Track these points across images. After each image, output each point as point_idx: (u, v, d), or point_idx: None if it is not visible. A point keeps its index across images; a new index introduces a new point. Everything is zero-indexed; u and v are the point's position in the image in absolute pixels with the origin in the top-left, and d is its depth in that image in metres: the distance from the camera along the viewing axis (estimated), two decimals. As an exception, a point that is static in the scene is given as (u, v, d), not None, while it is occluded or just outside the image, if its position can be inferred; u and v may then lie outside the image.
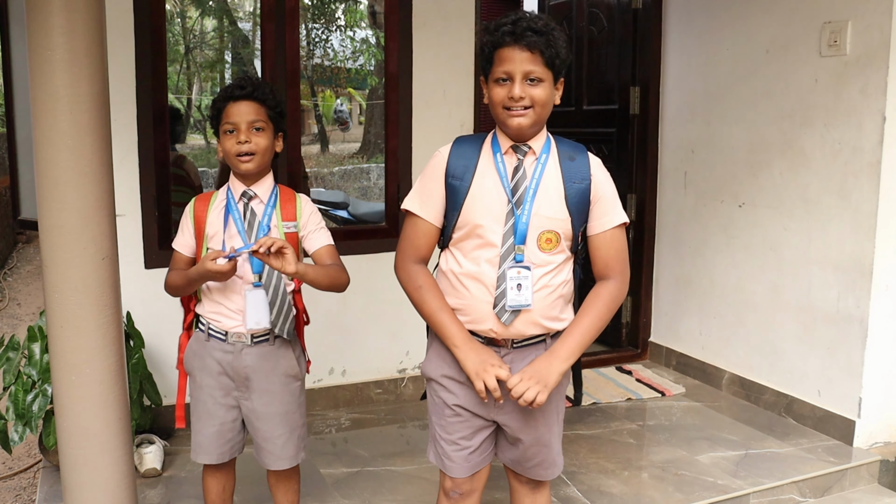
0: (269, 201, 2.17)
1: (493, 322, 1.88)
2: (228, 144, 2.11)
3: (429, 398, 2.05)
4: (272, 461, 2.25)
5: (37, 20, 1.89)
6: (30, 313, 6.00)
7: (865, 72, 3.17)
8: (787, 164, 3.54)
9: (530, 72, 1.78)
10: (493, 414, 1.96)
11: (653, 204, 4.35)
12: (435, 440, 2.03)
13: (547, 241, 1.87)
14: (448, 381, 1.96)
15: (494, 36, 1.81)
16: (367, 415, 3.63)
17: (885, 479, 3.19)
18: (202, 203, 2.21)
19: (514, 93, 1.78)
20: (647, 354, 4.48)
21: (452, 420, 1.97)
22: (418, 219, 1.93)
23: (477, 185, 1.87)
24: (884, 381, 3.30)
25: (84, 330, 2.01)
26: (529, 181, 1.86)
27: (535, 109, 1.81)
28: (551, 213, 1.86)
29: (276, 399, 2.21)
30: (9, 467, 3.49)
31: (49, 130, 1.93)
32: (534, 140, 1.89)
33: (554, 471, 2.05)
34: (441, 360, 1.96)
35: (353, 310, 3.66)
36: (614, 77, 4.49)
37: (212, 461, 2.24)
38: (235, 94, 2.12)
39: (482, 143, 1.93)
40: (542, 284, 1.87)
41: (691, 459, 3.18)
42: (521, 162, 1.87)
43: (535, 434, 1.97)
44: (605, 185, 1.93)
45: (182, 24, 5.35)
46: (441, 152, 1.94)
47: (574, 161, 1.90)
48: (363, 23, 5.82)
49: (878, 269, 3.19)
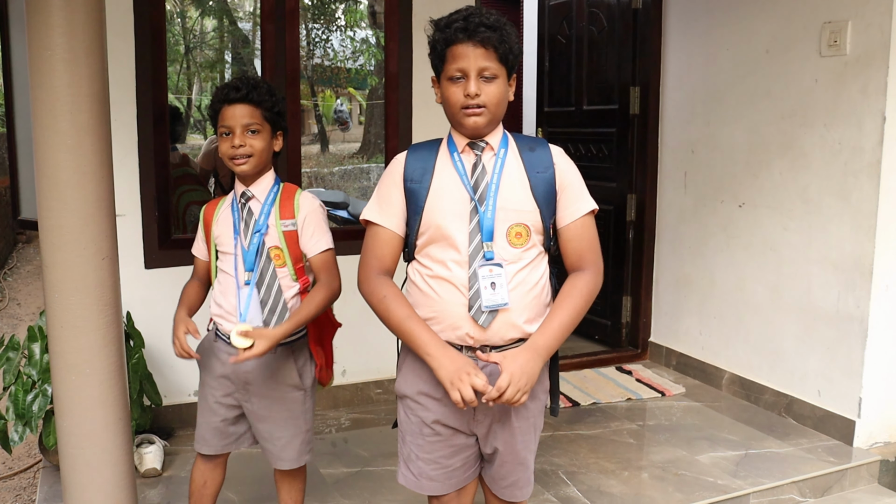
0: (267, 200, 2.17)
1: (470, 325, 1.78)
2: (224, 147, 2.13)
3: (402, 417, 1.95)
4: (273, 460, 2.28)
5: (37, 20, 1.89)
6: (30, 313, 5.99)
7: (865, 72, 3.17)
8: (787, 164, 3.54)
9: (485, 68, 1.75)
10: (473, 427, 1.88)
11: (653, 204, 4.35)
12: (409, 461, 1.93)
13: (517, 236, 1.80)
14: (425, 399, 1.87)
15: (446, 33, 1.76)
16: (367, 415, 3.63)
17: (885, 479, 3.19)
18: (210, 207, 2.27)
19: (469, 90, 1.74)
20: (647, 354, 4.48)
21: (432, 439, 1.88)
22: (379, 227, 1.86)
23: (436, 186, 1.82)
24: (884, 381, 3.29)
25: (84, 330, 2.01)
26: (490, 176, 1.81)
27: (490, 107, 1.77)
28: (518, 206, 1.80)
29: (276, 405, 2.22)
30: (9, 467, 3.49)
31: (49, 130, 1.93)
32: (490, 136, 1.84)
33: (528, 490, 1.98)
34: (415, 377, 1.87)
35: (352, 309, 3.62)
36: (614, 77, 4.49)
37: (209, 451, 2.28)
38: (230, 96, 2.12)
39: (438, 145, 1.89)
40: (517, 282, 1.79)
41: (691, 459, 3.18)
42: (479, 158, 1.82)
43: (512, 449, 1.90)
44: (569, 173, 1.86)
45: (182, 23, 5.35)
46: (397, 159, 1.89)
47: (534, 151, 1.85)
48: (363, 23, 5.83)
49: (878, 269, 3.19)
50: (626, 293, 4.50)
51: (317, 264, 2.21)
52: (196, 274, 2.31)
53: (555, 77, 5.00)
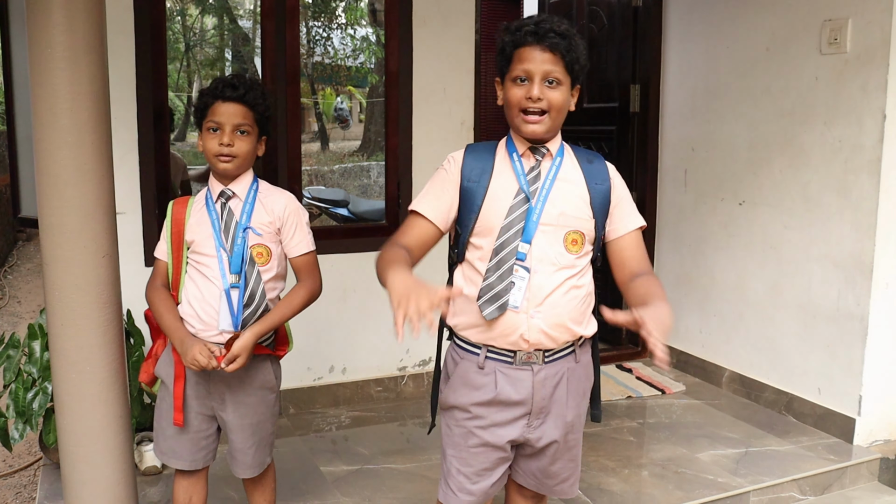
0: (248, 198, 2.12)
1: (526, 327, 1.78)
2: (210, 143, 2.06)
3: (445, 430, 1.92)
4: (241, 470, 2.22)
5: (37, 18, 1.89)
6: (30, 311, 6.00)
7: (866, 69, 3.16)
8: (788, 161, 3.54)
9: (550, 72, 1.76)
10: (527, 433, 1.86)
11: (653, 202, 4.35)
12: (449, 476, 1.90)
13: (573, 242, 1.82)
14: (480, 409, 1.85)
15: (516, 35, 1.78)
16: (367, 413, 3.63)
17: (885, 476, 3.19)
18: (180, 206, 2.16)
19: (532, 93, 1.76)
20: (648, 352, 4.47)
21: (476, 451, 1.87)
22: (420, 217, 1.84)
23: (494, 186, 1.82)
24: (884, 378, 3.30)
25: (84, 328, 2.01)
26: (543, 181, 1.83)
27: (551, 114, 1.79)
28: (577, 213, 1.83)
29: (251, 410, 2.16)
30: (9, 465, 3.49)
31: (49, 128, 1.93)
32: (550, 143, 1.87)
33: (576, 488, 1.99)
34: (468, 388, 1.86)
35: (353, 308, 3.66)
36: (614, 75, 4.49)
37: (185, 467, 2.19)
38: (226, 93, 2.06)
39: (496, 146, 1.90)
40: (570, 286, 1.81)
41: (691, 457, 3.18)
42: (538, 163, 1.84)
43: (566, 448, 1.91)
44: (622, 188, 1.93)
45: (182, 21, 5.35)
46: (454, 157, 1.88)
47: (593, 164, 1.90)
48: (363, 21, 5.82)
49: (879, 267, 3.19)
50: (627, 291, 4.50)
51: (298, 265, 2.18)
52: (161, 278, 2.17)
53: (555, 75, 4.99)
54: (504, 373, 1.84)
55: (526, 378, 1.83)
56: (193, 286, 2.11)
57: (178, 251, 2.14)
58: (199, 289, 2.09)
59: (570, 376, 1.88)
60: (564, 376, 1.87)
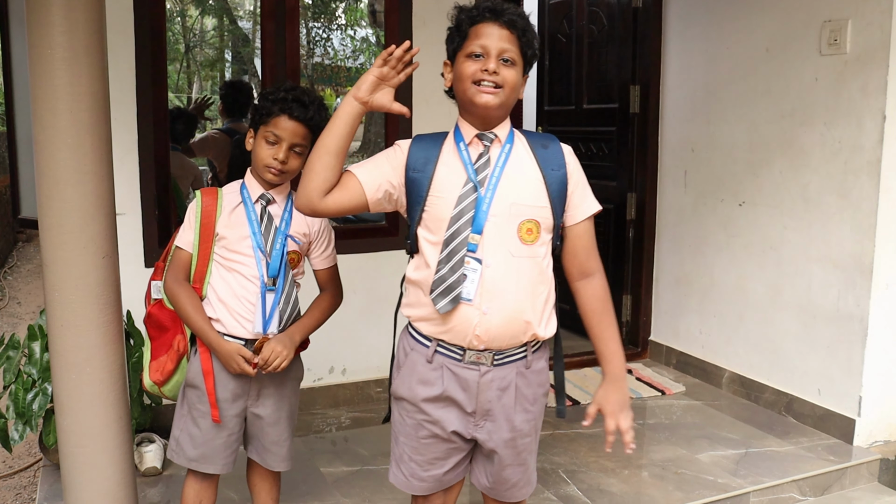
0: (287, 206, 2.14)
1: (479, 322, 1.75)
2: (264, 152, 2.06)
3: (397, 418, 1.91)
4: (276, 463, 2.23)
5: (37, 18, 1.89)
6: (30, 312, 6.00)
7: (865, 70, 3.17)
8: (787, 162, 3.54)
9: (505, 50, 1.75)
10: (474, 431, 1.85)
11: (653, 203, 4.35)
12: (401, 462, 1.91)
13: (528, 232, 1.76)
14: (426, 404, 1.84)
15: (473, 13, 1.78)
16: (367, 413, 3.63)
17: (885, 477, 3.19)
18: (210, 198, 2.13)
19: (489, 65, 1.73)
20: (647, 353, 4.48)
21: (427, 441, 1.86)
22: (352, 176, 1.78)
23: (440, 176, 1.79)
24: (884, 379, 3.30)
25: (84, 329, 2.01)
26: (493, 169, 1.78)
27: (505, 90, 1.75)
28: (531, 201, 1.77)
29: (286, 402, 2.21)
30: (9, 466, 3.49)
31: (49, 129, 1.93)
32: (499, 128, 1.82)
33: (528, 490, 1.97)
34: (416, 380, 1.84)
35: (353, 308, 3.64)
36: (614, 76, 4.49)
37: (219, 471, 2.20)
38: (294, 112, 2.05)
39: (444, 137, 1.87)
40: (526, 278, 1.76)
41: (691, 458, 3.18)
42: (486, 150, 1.80)
43: (514, 452, 1.88)
44: (579, 172, 1.86)
45: (182, 22, 5.36)
46: (400, 145, 1.85)
47: (548, 149, 1.84)
48: (363, 21, 5.82)
49: (878, 268, 3.19)
50: (626, 292, 4.50)
51: (326, 276, 2.25)
52: (183, 271, 2.13)
53: (555, 76, 5.00)
54: (451, 370, 1.81)
55: (472, 378, 1.80)
56: (223, 284, 2.10)
57: (205, 243, 2.12)
58: (230, 286, 2.09)
59: (518, 382, 1.84)
60: (513, 382, 1.83)
